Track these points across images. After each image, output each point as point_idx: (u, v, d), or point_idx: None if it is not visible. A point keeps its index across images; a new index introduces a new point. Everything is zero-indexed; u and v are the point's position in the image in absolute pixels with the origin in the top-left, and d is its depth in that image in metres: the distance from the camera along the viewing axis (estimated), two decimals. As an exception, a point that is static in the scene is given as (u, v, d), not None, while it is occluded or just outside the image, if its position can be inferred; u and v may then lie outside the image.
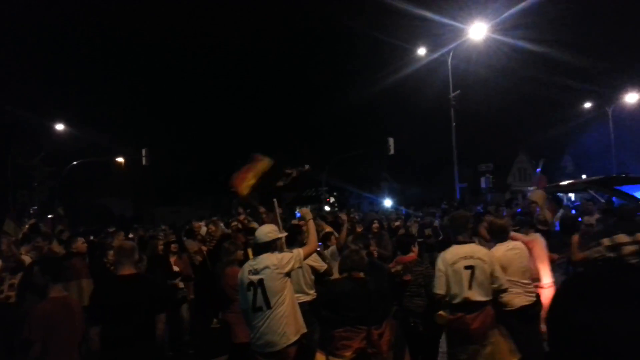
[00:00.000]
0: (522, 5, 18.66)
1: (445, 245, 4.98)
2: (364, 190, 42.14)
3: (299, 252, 4.24)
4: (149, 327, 3.97)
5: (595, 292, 0.88)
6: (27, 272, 5.74)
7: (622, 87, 32.82)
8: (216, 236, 8.83)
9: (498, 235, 4.91)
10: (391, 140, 24.49)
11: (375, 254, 5.85)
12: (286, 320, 4.00)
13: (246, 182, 5.90)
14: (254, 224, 7.19)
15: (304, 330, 4.18)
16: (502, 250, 4.77)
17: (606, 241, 4.66)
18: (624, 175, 6.86)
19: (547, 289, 5.03)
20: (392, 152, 24.73)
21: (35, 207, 26.68)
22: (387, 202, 31.39)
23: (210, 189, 41.71)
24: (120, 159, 29.79)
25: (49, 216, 14.19)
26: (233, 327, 5.34)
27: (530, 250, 4.99)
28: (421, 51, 21.95)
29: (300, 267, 4.39)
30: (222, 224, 10.04)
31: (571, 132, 39.63)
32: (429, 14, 20.02)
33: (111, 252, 6.09)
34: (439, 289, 4.37)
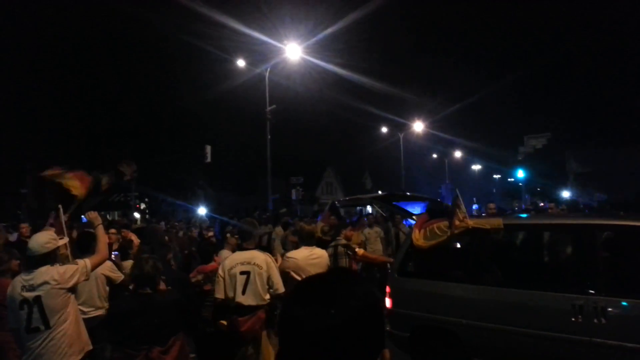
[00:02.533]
0: (329, 30, 20.53)
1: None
2: (178, 197, 40.54)
3: (85, 263, 3.82)
4: None
5: (305, 291, 1.03)
6: None
7: (412, 116, 38.26)
8: None
9: (305, 240, 5.23)
10: (208, 148, 24.12)
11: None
12: (68, 340, 3.60)
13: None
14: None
15: (89, 347, 3.81)
16: (305, 253, 5.04)
17: None
18: (401, 193, 8.03)
19: None
20: (208, 159, 24.37)
21: None
22: (202, 210, 30.71)
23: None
24: None
25: None
26: (5, 346, 4.62)
27: None
28: (240, 63, 22.28)
29: (86, 279, 4.00)
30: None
31: (371, 152, 44.53)
32: (248, 30, 20.52)
33: None
34: (218, 293, 4.52)
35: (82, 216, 5.18)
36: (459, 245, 5.77)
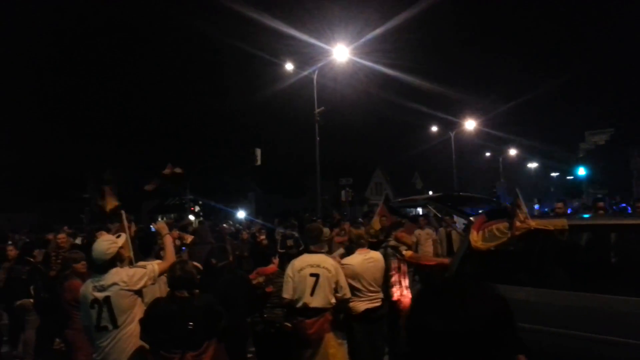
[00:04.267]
0: (377, 31, 20.40)
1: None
2: (229, 201, 41.42)
3: (154, 268, 4.00)
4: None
5: (434, 297, 1.03)
6: None
7: (463, 114, 37.36)
8: (66, 248, 7.99)
9: (356, 243, 5.32)
10: (258, 151, 24.53)
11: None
12: (135, 340, 3.75)
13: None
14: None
15: None
16: (360, 259, 5.13)
17: None
18: (456, 193, 7.88)
19: None
20: (258, 162, 24.78)
21: None
22: (241, 214, 30.64)
23: (52, 193, 36.71)
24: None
25: None
26: (73, 346, 4.91)
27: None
28: (289, 66, 22.52)
29: (153, 284, 4.16)
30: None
31: (421, 152, 43.86)
32: (296, 33, 20.72)
33: None
34: (286, 293, 4.59)
35: (151, 226, 5.45)
36: (520, 248, 5.57)
